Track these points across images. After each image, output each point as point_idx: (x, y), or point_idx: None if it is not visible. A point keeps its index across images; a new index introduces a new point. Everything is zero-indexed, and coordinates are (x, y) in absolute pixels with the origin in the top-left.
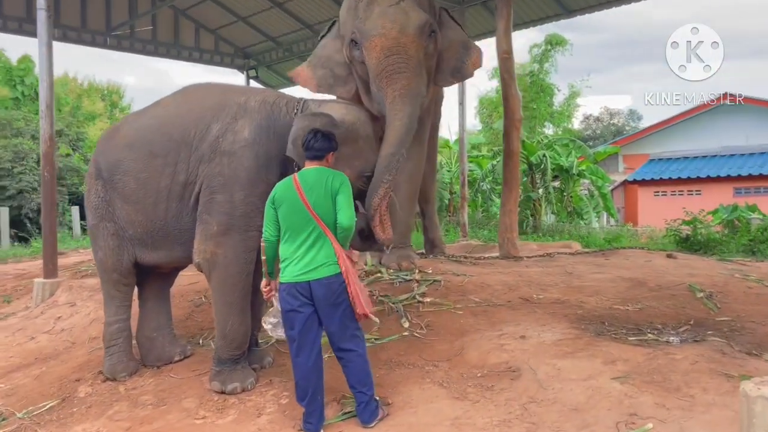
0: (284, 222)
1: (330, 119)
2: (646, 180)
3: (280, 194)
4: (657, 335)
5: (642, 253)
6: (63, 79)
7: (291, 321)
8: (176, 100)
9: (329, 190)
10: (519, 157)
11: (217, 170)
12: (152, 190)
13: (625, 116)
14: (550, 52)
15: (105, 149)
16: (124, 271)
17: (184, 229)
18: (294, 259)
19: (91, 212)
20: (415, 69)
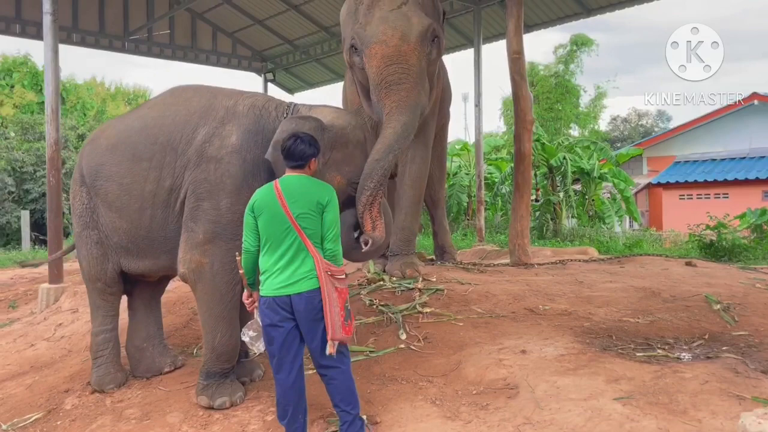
0: (264, 232)
1: (318, 123)
2: (671, 183)
3: (260, 202)
4: (667, 351)
5: (659, 261)
6: (90, 83)
7: (271, 336)
8: (163, 101)
9: (316, 204)
10: (531, 160)
11: (203, 176)
12: (136, 196)
13: (653, 117)
14: (575, 53)
15: (88, 153)
16: (108, 280)
17: (170, 237)
18: (274, 272)
19: (75, 220)
20: (416, 79)
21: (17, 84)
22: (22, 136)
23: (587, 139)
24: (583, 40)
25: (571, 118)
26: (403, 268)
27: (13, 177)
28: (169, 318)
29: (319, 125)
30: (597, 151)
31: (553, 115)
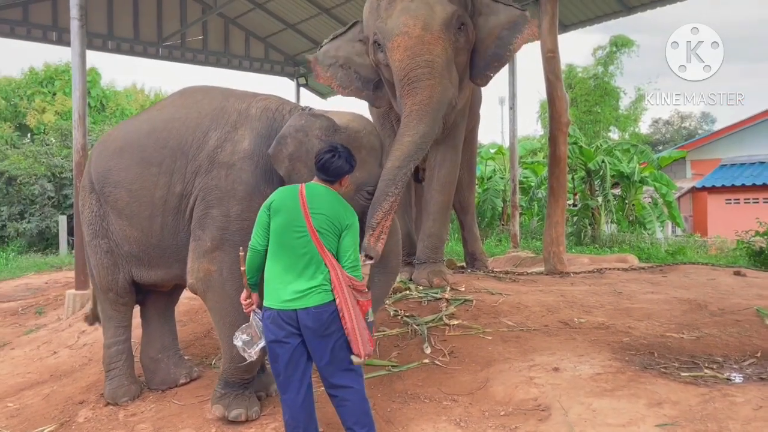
0: (276, 235)
1: (331, 123)
2: (716, 187)
3: (279, 202)
4: (715, 370)
5: (705, 270)
6: (130, 90)
7: (275, 353)
8: (172, 102)
9: (338, 223)
10: (566, 163)
11: (213, 183)
12: (147, 203)
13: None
14: (615, 54)
15: (96, 157)
16: (120, 290)
17: (182, 245)
18: (282, 283)
19: (85, 228)
20: (441, 73)
21: (59, 91)
22: (62, 142)
23: (627, 142)
24: (623, 41)
25: (611, 120)
26: (430, 276)
27: (53, 182)
28: (190, 327)
29: (332, 125)
30: (637, 154)
31: (591, 117)
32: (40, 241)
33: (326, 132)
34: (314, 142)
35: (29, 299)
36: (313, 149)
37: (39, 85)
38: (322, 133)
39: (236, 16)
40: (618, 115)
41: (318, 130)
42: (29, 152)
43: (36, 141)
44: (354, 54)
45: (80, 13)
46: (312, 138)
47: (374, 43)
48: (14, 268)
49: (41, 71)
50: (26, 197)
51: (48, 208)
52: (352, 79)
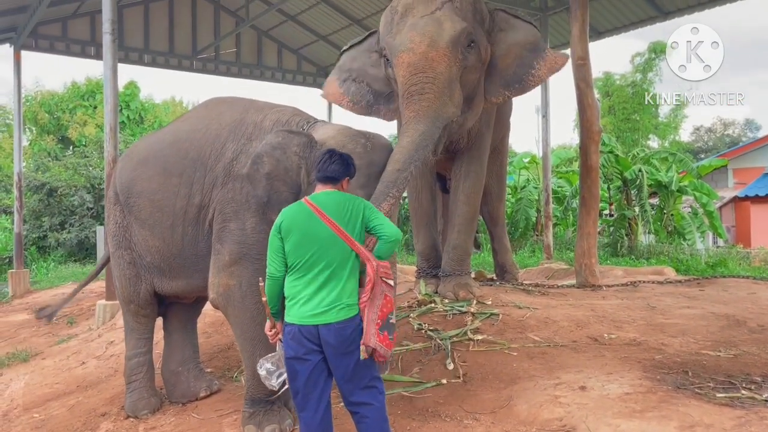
0: (294, 254)
1: (307, 139)
2: (760, 196)
3: (288, 221)
4: (753, 391)
5: (746, 283)
6: (168, 102)
7: (295, 370)
8: (196, 114)
9: (353, 214)
10: (598, 173)
11: (230, 196)
12: (168, 213)
13: (741, 126)
14: (654, 61)
15: (120, 169)
16: (141, 302)
17: (201, 255)
18: (302, 298)
19: (109, 239)
20: (441, 89)
21: (99, 105)
22: (100, 153)
23: (665, 150)
24: (662, 47)
25: (650, 128)
26: (456, 289)
27: (92, 193)
28: (214, 338)
29: (310, 141)
30: (676, 162)
31: (630, 126)
32: (79, 251)
33: (304, 148)
34: (293, 159)
35: (64, 309)
36: (293, 167)
37: (81, 98)
38: (300, 149)
39: (269, 29)
40: (657, 122)
41: (296, 147)
42: (69, 164)
43: (76, 153)
44: (369, 65)
45: (112, 27)
46: (290, 155)
47: (384, 58)
48: (53, 278)
49: (83, 85)
50: (66, 208)
51: (87, 219)
52: (364, 93)
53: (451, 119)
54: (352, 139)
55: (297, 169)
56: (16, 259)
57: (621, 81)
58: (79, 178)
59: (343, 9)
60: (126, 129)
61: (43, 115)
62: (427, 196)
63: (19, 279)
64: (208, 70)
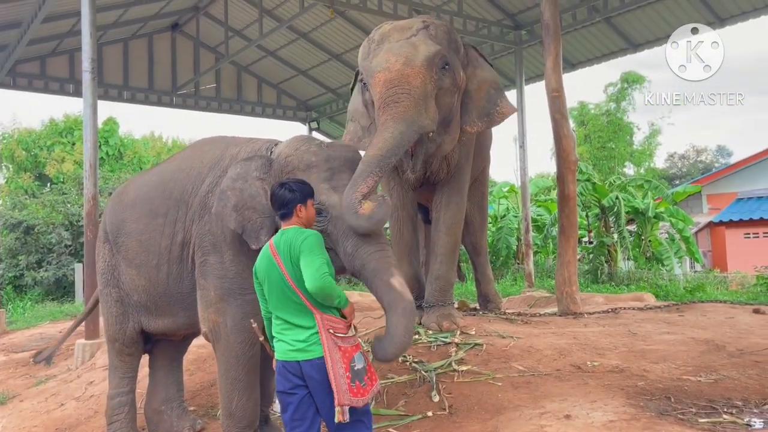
0: (269, 297)
1: (264, 159)
2: (734, 221)
3: (258, 266)
4: (735, 415)
5: (723, 308)
6: (147, 138)
7: (285, 403)
8: (182, 155)
9: (294, 256)
10: (576, 202)
11: (206, 228)
12: (154, 253)
13: (713, 153)
14: (626, 91)
15: (110, 209)
16: (126, 340)
17: (186, 293)
18: (282, 335)
19: (98, 277)
20: (416, 99)
21: (78, 141)
22: (79, 190)
23: (641, 177)
24: (634, 77)
25: (626, 156)
26: (439, 320)
27: (70, 231)
28: (197, 375)
29: (265, 161)
30: (651, 189)
31: (606, 153)
32: (57, 290)
33: (263, 170)
34: (255, 184)
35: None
36: (258, 191)
37: (59, 135)
38: (259, 172)
39: (248, 64)
40: (632, 150)
41: (255, 171)
42: (47, 201)
43: (54, 190)
44: (359, 104)
45: (92, 66)
46: (252, 181)
47: (362, 83)
48: (30, 317)
49: (61, 122)
50: (44, 246)
51: (65, 257)
52: (357, 130)
53: (425, 130)
54: (305, 140)
55: (263, 193)
56: None
57: (596, 110)
58: (57, 215)
59: (321, 44)
60: (105, 165)
61: (20, 152)
62: (408, 227)
63: None
64: (188, 105)
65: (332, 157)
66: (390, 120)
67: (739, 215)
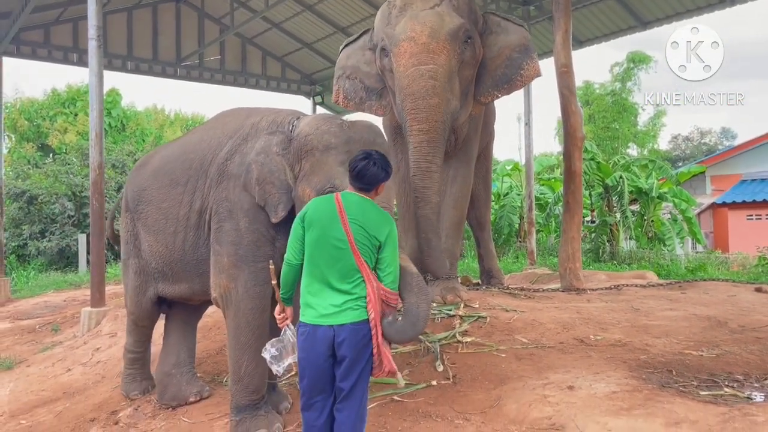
0: (311, 248)
1: (284, 135)
2: (737, 202)
3: (313, 213)
4: (736, 389)
5: (725, 286)
6: (150, 110)
7: (304, 371)
8: (205, 126)
9: (374, 235)
10: (582, 179)
11: (223, 195)
12: (172, 220)
13: (717, 135)
14: (632, 71)
15: (133, 178)
16: (142, 313)
17: (202, 260)
18: (318, 298)
19: (122, 246)
20: (443, 87)
21: (80, 112)
22: (82, 161)
23: (645, 158)
24: (640, 57)
25: (629, 137)
26: (443, 293)
27: (73, 201)
28: (204, 343)
29: (285, 137)
30: (656, 170)
31: (609, 134)
32: (60, 260)
33: (283, 145)
34: (276, 159)
35: (47, 317)
36: (277, 167)
37: (61, 105)
38: (279, 148)
39: (253, 36)
40: (636, 131)
41: (276, 146)
42: (50, 171)
43: (57, 160)
44: (362, 62)
45: (98, 33)
46: (272, 156)
47: (382, 49)
48: (34, 286)
49: (63, 92)
50: (47, 216)
51: (68, 227)
52: (357, 89)
53: (454, 113)
54: (327, 120)
55: (282, 169)
56: None
57: (600, 90)
58: (60, 185)
59: (327, 17)
60: (107, 137)
61: (23, 122)
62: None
63: (0, 287)
64: (192, 77)
65: (352, 139)
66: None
67: (743, 197)
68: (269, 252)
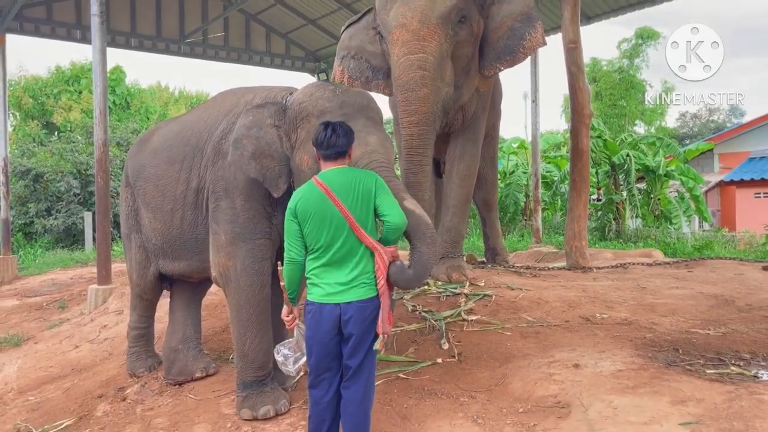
0: (312, 236)
1: (278, 106)
2: (745, 180)
3: (303, 205)
4: (742, 367)
5: (733, 265)
6: (154, 88)
7: (311, 349)
8: (205, 105)
9: (364, 194)
10: (589, 156)
11: (219, 174)
12: (170, 198)
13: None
14: (640, 47)
15: (134, 154)
16: (147, 284)
17: (200, 238)
18: (323, 278)
19: (122, 222)
20: (433, 76)
21: (84, 89)
22: (87, 139)
23: (653, 136)
24: (648, 33)
25: (636, 114)
26: (449, 271)
27: (79, 179)
28: (209, 321)
29: (280, 107)
30: (663, 147)
31: (617, 111)
32: (66, 237)
33: (277, 116)
34: (271, 131)
35: (54, 294)
36: (273, 139)
37: (65, 83)
38: (273, 119)
39: (257, 12)
40: (643, 108)
41: (269, 118)
42: (55, 149)
43: (62, 138)
44: (366, 42)
45: (100, 9)
46: (267, 128)
47: (379, 34)
48: (41, 264)
49: (67, 70)
50: (53, 194)
51: (74, 205)
52: (363, 69)
53: (444, 98)
54: (320, 87)
55: (278, 140)
56: (4, 245)
57: (608, 67)
58: (66, 164)
59: None
60: (112, 114)
61: (27, 100)
62: None
63: (7, 265)
64: (195, 54)
65: (346, 103)
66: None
67: (751, 174)
68: (266, 229)
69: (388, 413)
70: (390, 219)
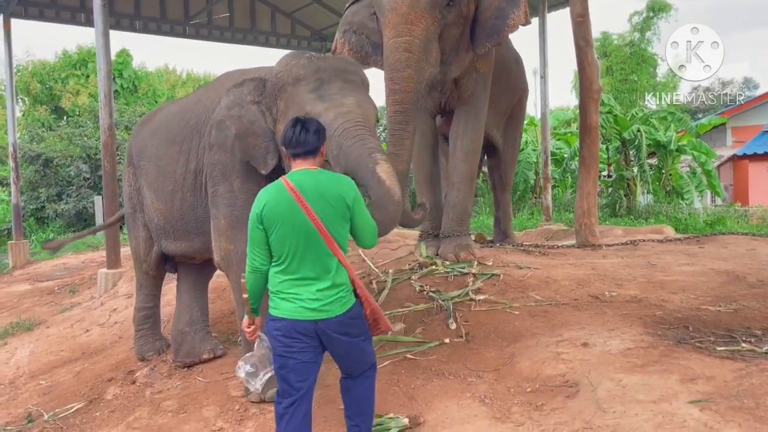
0: (279, 245)
1: (256, 81)
2: (758, 154)
3: (270, 211)
4: (754, 344)
5: (745, 240)
6: (161, 70)
7: (285, 364)
8: (206, 87)
9: (337, 201)
10: (598, 132)
11: (216, 158)
12: (170, 179)
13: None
14: (652, 20)
15: (136, 134)
16: (152, 262)
17: (201, 220)
18: (294, 291)
19: (126, 201)
20: (418, 57)
21: (92, 73)
22: (95, 123)
23: (664, 110)
24: (660, 5)
25: (647, 88)
26: (456, 250)
27: (88, 164)
28: (217, 304)
29: (258, 82)
30: (675, 122)
31: (628, 86)
32: (77, 222)
33: (257, 92)
34: (252, 108)
35: (66, 278)
36: (255, 117)
37: (73, 67)
38: (253, 96)
39: None
40: (655, 83)
41: (249, 95)
42: (64, 134)
43: (71, 123)
44: (368, 18)
45: None
46: (248, 106)
47: (374, 15)
48: None
49: (74, 54)
50: (63, 179)
51: (84, 189)
52: (363, 44)
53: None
54: (296, 55)
55: (261, 117)
56: (15, 230)
57: (619, 41)
58: (75, 148)
59: None
60: (120, 98)
61: (35, 85)
62: (429, 153)
63: (19, 250)
64: (201, 35)
65: (322, 68)
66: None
67: (764, 148)
68: None
69: (395, 393)
70: (362, 243)
